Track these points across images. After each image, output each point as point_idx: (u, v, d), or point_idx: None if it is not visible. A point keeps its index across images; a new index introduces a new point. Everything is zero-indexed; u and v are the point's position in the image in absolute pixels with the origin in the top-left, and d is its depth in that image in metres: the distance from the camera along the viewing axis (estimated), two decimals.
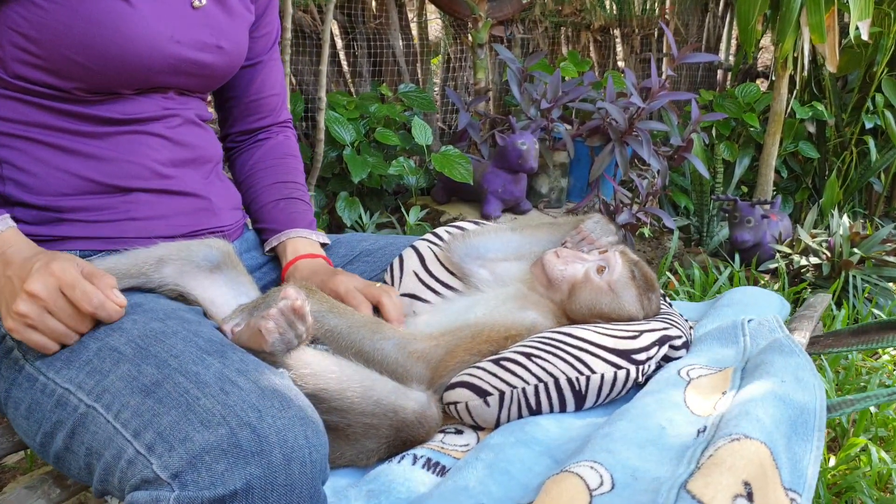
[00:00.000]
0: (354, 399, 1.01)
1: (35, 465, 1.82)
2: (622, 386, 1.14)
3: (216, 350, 0.95)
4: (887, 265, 2.80)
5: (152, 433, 0.87)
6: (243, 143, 1.48)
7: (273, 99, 1.46)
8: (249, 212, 1.45)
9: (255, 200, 1.43)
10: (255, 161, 1.46)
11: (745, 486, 0.83)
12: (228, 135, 1.48)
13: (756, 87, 3.66)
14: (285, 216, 1.39)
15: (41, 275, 0.95)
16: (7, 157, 1.13)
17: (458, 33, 3.49)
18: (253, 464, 0.82)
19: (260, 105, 1.45)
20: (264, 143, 1.48)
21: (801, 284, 2.77)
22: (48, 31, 1.06)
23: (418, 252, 1.33)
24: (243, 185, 1.46)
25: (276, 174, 1.44)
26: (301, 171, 1.49)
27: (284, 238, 1.37)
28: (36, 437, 1.01)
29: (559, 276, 1.21)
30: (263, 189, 1.43)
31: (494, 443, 1.05)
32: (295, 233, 1.38)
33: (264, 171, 1.44)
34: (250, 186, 1.44)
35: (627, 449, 0.94)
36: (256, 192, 1.43)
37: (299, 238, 1.37)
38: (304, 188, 1.46)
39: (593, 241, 1.27)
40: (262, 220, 1.42)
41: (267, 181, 1.43)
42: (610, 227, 1.29)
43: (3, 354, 1.07)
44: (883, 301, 2.71)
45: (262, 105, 1.45)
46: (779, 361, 1.10)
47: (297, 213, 1.40)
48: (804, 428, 0.97)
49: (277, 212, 1.40)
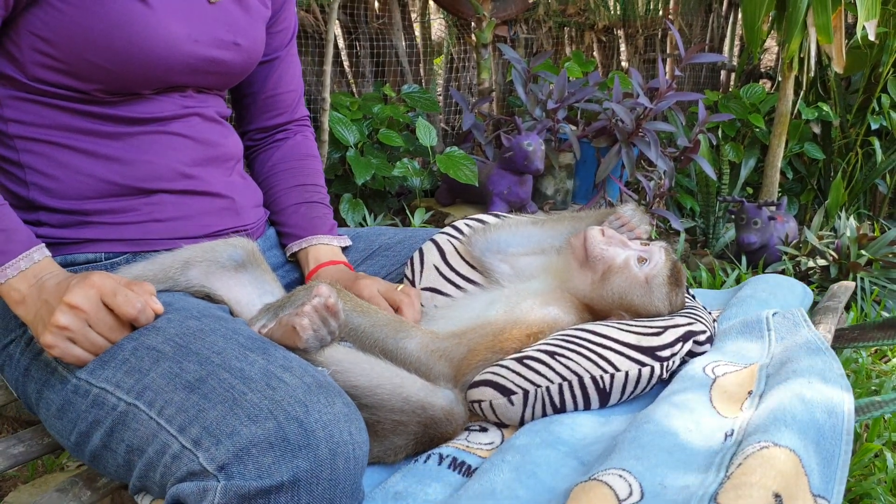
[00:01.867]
0: (384, 396, 1.00)
1: (36, 473, 1.79)
2: (646, 383, 1.12)
3: (258, 347, 0.96)
4: (895, 267, 2.78)
5: (198, 428, 0.88)
6: (262, 142, 1.47)
7: (290, 95, 1.45)
8: (271, 214, 1.44)
9: (276, 203, 1.42)
10: (274, 162, 1.44)
11: (776, 498, 0.81)
12: (246, 132, 1.47)
13: (761, 88, 3.64)
14: (306, 222, 1.39)
15: (81, 287, 0.96)
16: (30, 162, 1.13)
17: (462, 33, 3.47)
18: (300, 457, 0.83)
19: (277, 101, 1.44)
20: (283, 143, 1.46)
21: (810, 287, 2.75)
22: (66, 34, 1.05)
23: (438, 246, 1.31)
24: (263, 185, 1.45)
25: (296, 177, 1.43)
26: (321, 172, 1.48)
27: (306, 245, 1.37)
28: (70, 436, 1.01)
29: (599, 254, 1.18)
30: (284, 192, 1.41)
31: (520, 444, 1.03)
32: (316, 240, 1.37)
33: (284, 172, 1.43)
34: (270, 188, 1.43)
35: (655, 455, 0.93)
36: (277, 195, 1.42)
37: (321, 245, 1.37)
38: (324, 190, 1.45)
39: (633, 229, 1.25)
40: (282, 224, 1.41)
41: (287, 183, 1.42)
42: (645, 217, 1.27)
43: (33, 357, 1.07)
44: (891, 304, 2.70)
45: (280, 101, 1.44)
46: (805, 360, 1.08)
47: (318, 219, 1.40)
48: (832, 432, 0.95)
49: (298, 217, 1.39)
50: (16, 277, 1.00)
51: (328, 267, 1.33)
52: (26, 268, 1.01)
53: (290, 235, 1.39)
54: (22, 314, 1.01)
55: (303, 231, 1.38)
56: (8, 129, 1.12)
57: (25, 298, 1.00)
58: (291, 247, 1.39)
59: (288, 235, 1.40)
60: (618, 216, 1.27)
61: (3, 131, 1.13)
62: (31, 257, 1.02)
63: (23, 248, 1.01)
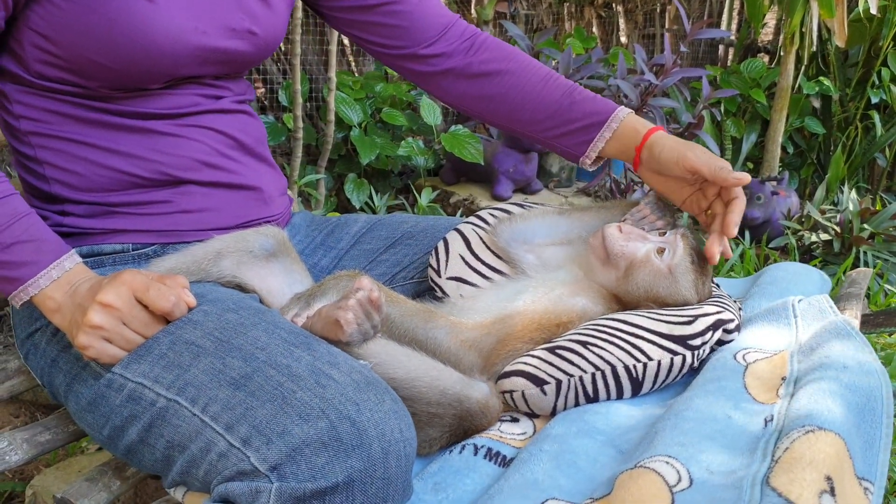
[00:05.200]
0: (422, 388, 1.00)
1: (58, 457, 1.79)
2: (678, 372, 1.13)
3: (302, 342, 0.95)
4: None
5: (247, 427, 0.87)
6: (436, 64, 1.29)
7: (437, 8, 1.29)
8: (518, 126, 1.27)
9: (532, 110, 1.25)
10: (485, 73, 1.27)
11: (828, 480, 0.82)
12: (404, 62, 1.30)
13: (762, 63, 3.64)
14: (594, 104, 1.22)
15: (113, 286, 0.95)
16: (46, 157, 1.11)
17: (462, 10, 3.44)
18: (354, 457, 0.83)
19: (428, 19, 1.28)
20: (471, 49, 1.28)
21: (813, 261, 2.78)
22: (67, 31, 1.02)
23: (463, 235, 1.30)
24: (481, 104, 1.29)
25: (530, 72, 1.26)
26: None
27: (616, 123, 1.21)
28: (103, 430, 1.01)
29: (619, 252, 1.18)
30: (533, 94, 1.25)
31: (556, 433, 1.04)
32: (625, 111, 1.22)
33: (512, 74, 1.26)
34: (498, 99, 1.27)
35: (699, 442, 0.93)
36: (524, 101, 1.25)
37: (630, 115, 1.22)
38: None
39: (654, 221, 1.24)
40: (561, 123, 1.24)
41: (527, 81, 1.25)
42: (669, 208, 1.26)
43: (61, 348, 1.07)
44: (894, 277, 2.72)
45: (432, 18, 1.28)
46: (837, 346, 1.09)
47: (598, 99, 1.24)
48: (872, 415, 0.96)
49: (582, 103, 1.22)
50: (49, 287, 0.99)
51: (660, 132, 1.19)
52: (58, 276, 0.99)
53: (584, 129, 1.23)
54: (58, 322, 1.00)
55: (600, 114, 1.22)
56: (20, 125, 1.10)
57: (61, 307, 0.99)
58: (602, 134, 1.22)
59: (580, 130, 1.23)
60: (639, 209, 1.27)
61: (16, 128, 1.11)
62: (63, 266, 1.00)
63: (53, 258, 1.00)
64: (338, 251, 1.38)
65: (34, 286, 0.99)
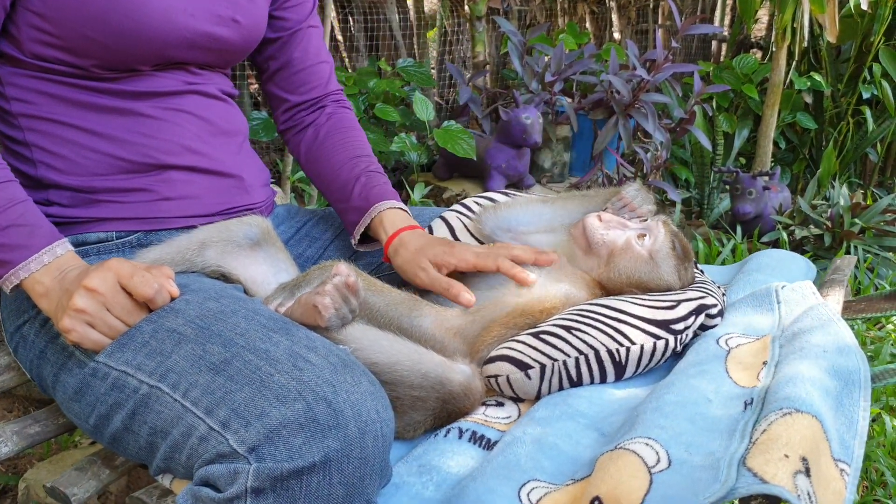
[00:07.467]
0: (403, 372, 1.01)
1: (51, 451, 1.80)
2: (661, 356, 1.14)
3: (280, 328, 0.96)
4: (888, 235, 2.82)
5: (226, 410, 0.88)
6: (300, 121, 1.43)
7: (321, 67, 1.41)
8: (326, 193, 1.38)
9: (330, 181, 1.36)
10: (320, 139, 1.40)
11: (803, 461, 0.83)
12: (282, 113, 1.43)
13: (753, 59, 3.65)
14: (369, 191, 1.32)
15: (98, 271, 0.96)
16: (35, 140, 1.13)
17: (455, 6, 3.45)
18: (330, 437, 0.84)
19: (308, 75, 1.39)
20: (323, 120, 1.42)
21: (804, 255, 2.79)
22: (62, 8, 1.05)
23: (448, 223, 1.31)
24: (311, 165, 1.40)
25: (346, 150, 1.37)
26: (367, 143, 1.42)
27: (375, 213, 1.30)
28: (89, 419, 1.01)
29: (600, 240, 1.19)
30: (336, 168, 1.36)
31: (539, 416, 1.05)
32: (388, 204, 1.30)
33: (333, 148, 1.38)
34: (320, 166, 1.38)
35: (679, 424, 0.95)
36: (329, 172, 1.36)
37: (393, 209, 1.30)
38: (376, 160, 1.39)
39: (635, 209, 1.26)
40: (344, 200, 1.34)
41: (339, 158, 1.36)
42: (650, 196, 1.27)
43: (49, 339, 1.07)
44: (885, 271, 2.74)
45: (311, 74, 1.40)
46: (818, 331, 1.10)
47: (381, 186, 1.33)
48: (849, 399, 0.97)
49: (360, 187, 1.32)
50: (39, 271, 1.00)
51: (409, 232, 1.27)
52: (49, 262, 1.01)
53: (356, 209, 1.32)
54: (45, 307, 1.01)
55: (371, 200, 1.31)
56: (11, 107, 1.12)
57: (49, 292, 1.00)
58: (364, 220, 1.31)
59: (353, 210, 1.33)
60: (619, 197, 1.28)
61: (6, 110, 1.13)
62: (54, 251, 1.02)
63: (45, 243, 1.01)
64: (323, 241, 1.40)
65: (24, 269, 1.00)
